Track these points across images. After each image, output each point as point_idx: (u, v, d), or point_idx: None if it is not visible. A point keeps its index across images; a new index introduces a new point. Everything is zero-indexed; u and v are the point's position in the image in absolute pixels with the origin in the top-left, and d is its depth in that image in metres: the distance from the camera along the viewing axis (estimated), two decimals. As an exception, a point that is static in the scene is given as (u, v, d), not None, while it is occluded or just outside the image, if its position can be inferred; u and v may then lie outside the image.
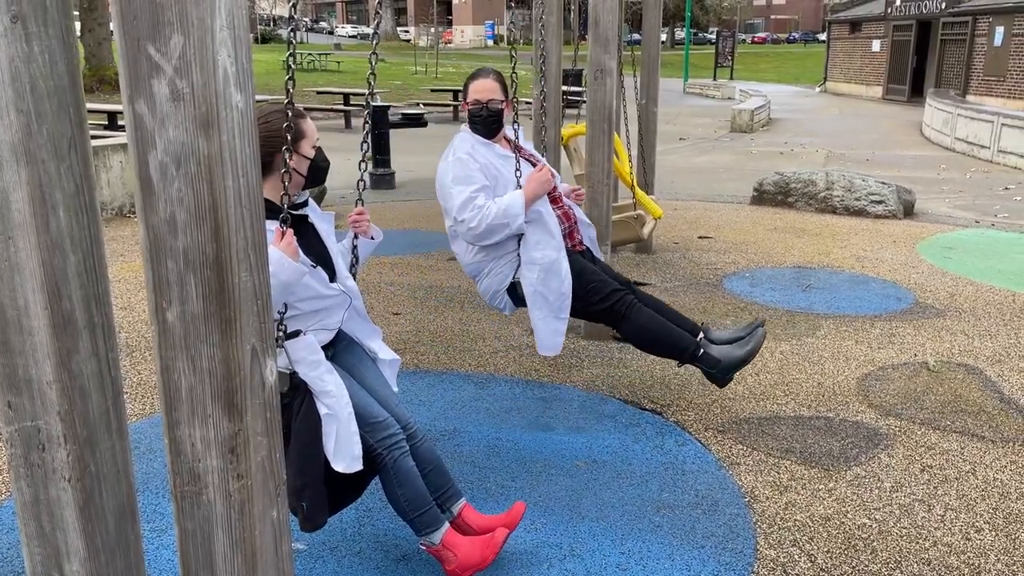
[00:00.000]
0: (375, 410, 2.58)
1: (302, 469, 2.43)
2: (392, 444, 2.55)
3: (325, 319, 2.61)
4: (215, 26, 1.26)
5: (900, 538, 2.92)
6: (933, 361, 4.57)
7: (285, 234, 2.36)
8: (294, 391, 2.45)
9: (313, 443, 2.43)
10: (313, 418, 2.44)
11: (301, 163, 2.55)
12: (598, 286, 3.55)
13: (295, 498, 2.46)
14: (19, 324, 1.40)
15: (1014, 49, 21.00)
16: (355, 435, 2.46)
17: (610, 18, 4.56)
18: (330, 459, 2.44)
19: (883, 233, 7.87)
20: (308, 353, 2.47)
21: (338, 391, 2.46)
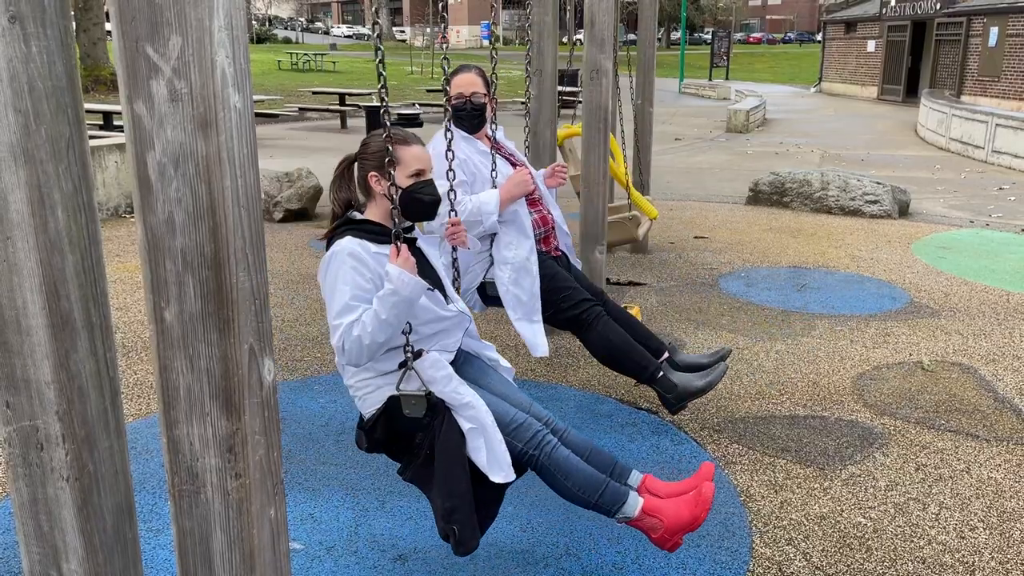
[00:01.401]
0: (514, 414, 2.50)
1: (450, 491, 2.34)
2: (540, 442, 2.46)
3: (444, 339, 2.55)
4: (213, 27, 1.26)
5: (895, 536, 2.94)
6: (928, 361, 4.59)
7: (400, 251, 2.31)
8: (432, 412, 2.38)
9: (458, 462, 2.35)
10: (456, 436, 2.36)
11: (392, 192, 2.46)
12: (570, 293, 3.55)
13: (444, 522, 2.36)
14: (17, 324, 1.40)
15: (1008, 50, 21.06)
16: (503, 443, 2.39)
17: (606, 18, 4.57)
18: (486, 472, 2.35)
19: (878, 233, 7.89)
20: (437, 370, 2.40)
21: (476, 401, 2.39)
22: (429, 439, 2.38)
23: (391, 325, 2.28)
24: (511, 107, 21.31)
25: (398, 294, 2.26)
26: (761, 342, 4.86)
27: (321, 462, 3.42)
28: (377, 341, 2.29)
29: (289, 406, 3.94)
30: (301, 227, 7.88)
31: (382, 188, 2.48)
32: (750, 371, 4.41)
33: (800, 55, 52.62)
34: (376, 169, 2.47)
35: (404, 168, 2.48)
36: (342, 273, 2.35)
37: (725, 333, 5.01)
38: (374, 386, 2.44)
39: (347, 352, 2.33)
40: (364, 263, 2.35)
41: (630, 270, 6.46)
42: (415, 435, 2.40)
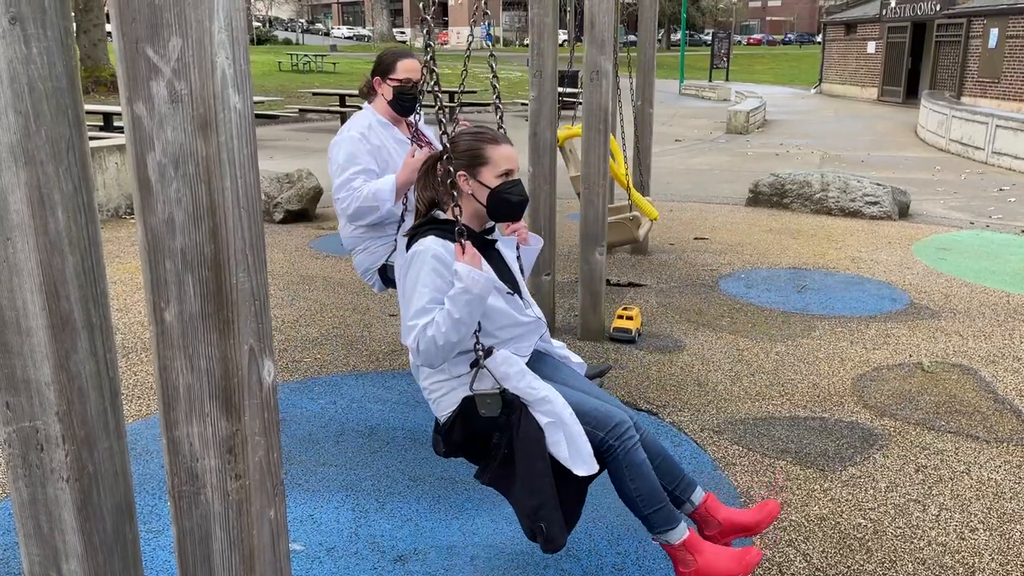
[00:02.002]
0: (595, 403, 2.45)
1: (533, 489, 2.29)
2: (623, 434, 2.40)
3: (518, 344, 2.52)
4: (213, 28, 1.26)
5: (895, 538, 2.94)
6: (928, 362, 4.59)
7: (465, 248, 2.28)
8: (508, 409, 2.33)
9: (539, 458, 2.29)
10: (534, 432, 2.31)
11: (480, 191, 2.43)
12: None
13: (531, 520, 2.32)
14: (18, 325, 1.40)
15: (1008, 51, 21.07)
16: (583, 435, 2.33)
17: (606, 19, 4.57)
18: (568, 466, 2.30)
19: (878, 234, 7.89)
20: (510, 366, 2.36)
21: (553, 395, 2.35)
22: (507, 437, 2.33)
23: (465, 324, 2.25)
24: (511, 108, 21.31)
25: (469, 292, 2.22)
26: (761, 343, 4.86)
27: (321, 463, 3.42)
28: (451, 341, 2.25)
29: (289, 407, 3.94)
30: (301, 228, 7.89)
31: (470, 188, 2.44)
32: (750, 372, 4.41)
33: (800, 56, 52.65)
34: (465, 168, 2.43)
35: (493, 168, 2.44)
36: (423, 274, 2.31)
37: (725, 334, 5.01)
38: (448, 388, 2.41)
39: (422, 353, 2.29)
40: (447, 265, 2.31)
41: (630, 271, 6.47)
42: (492, 435, 2.36)
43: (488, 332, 2.43)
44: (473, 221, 2.49)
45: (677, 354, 4.68)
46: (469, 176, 2.43)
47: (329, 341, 4.83)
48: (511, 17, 63.63)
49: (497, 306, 2.44)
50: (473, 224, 2.49)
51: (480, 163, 2.44)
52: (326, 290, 5.83)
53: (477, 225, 2.51)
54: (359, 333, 4.97)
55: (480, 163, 2.44)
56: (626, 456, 2.39)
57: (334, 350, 4.69)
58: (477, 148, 2.44)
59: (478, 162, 2.44)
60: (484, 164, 2.43)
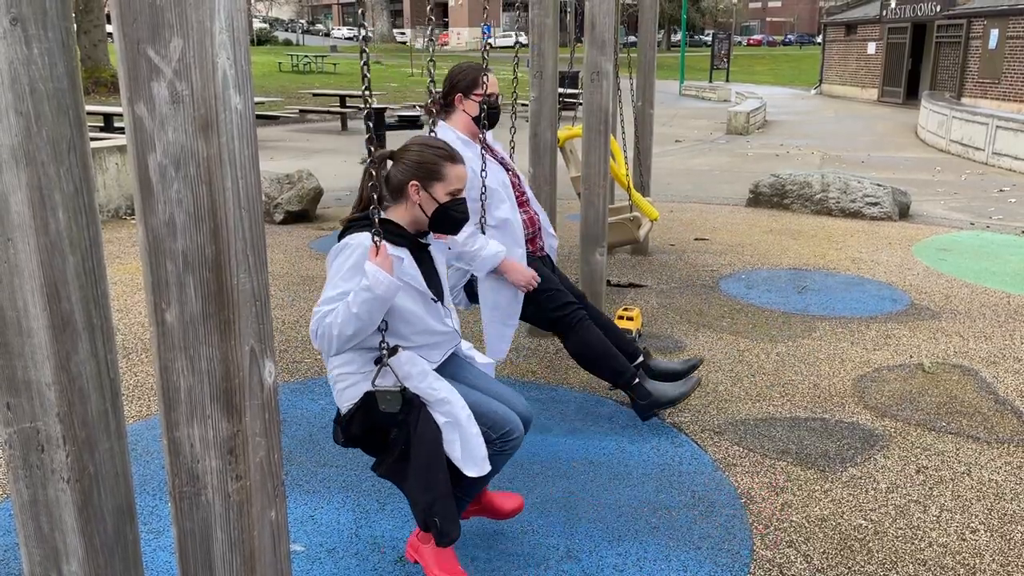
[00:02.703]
0: (494, 406, 2.55)
1: (428, 485, 2.39)
2: (509, 440, 2.53)
3: (429, 352, 2.56)
4: (214, 28, 1.26)
5: (896, 539, 2.93)
6: (928, 362, 4.59)
7: (380, 250, 2.32)
8: (407, 407, 2.40)
9: (434, 456, 2.39)
10: (431, 430, 2.40)
11: (429, 203, 2.50)
12: (553, 294, 3.58)
13: (425, 515, 2.43)
14: (18, 325, 1.40)
15: (1008, 52, 21.07)
16: (478, 436, 2.43)
17: (606, 20, 4.57)
18: (460, 466, 2.40)
19: (879, 235, 7.89)
20: (412, 366, 2.43)
21: (452, 396, 2.43)
22: (405, 434, 2.41)
23: (361, 320, 2.30)
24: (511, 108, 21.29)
25: (372, 291, 2.27)
26: (761, 344, 4.86)
27: (322, 464, 3.42)
28: (346, 334, 2.31)
29: (290, 408, 3.94)
30: (301, 229, 7.89)
31: (419, 199, 2.49)
32: (750, 373, 4.41)
33: (800, 57, 52.66)
34: (418, 179, 2.48)
35: (447, 185, 2.51)
36: (346, 267, 2.36)
37: (726, 335, 5.01)
38: (352, 381, 2.46)
39: (318, 338, 2.35)
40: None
41: (630, 271, 6.46)
42: (391, 430, 2.43)
43: (402, 335, 2.48)
44: (411, 226, 2.56)
45: (678, 355, 4.67)
46: (421, 187, 2.49)
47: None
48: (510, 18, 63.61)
49: (415, 310, 2.49)
50: (411, 228, 2.56)
51: (436, 178, 2.50)
52: (326, 291, 5.83)
53: (414, 230, 2.57)
54: (359, 334, 4.96)
55: (436, 178, 2.50)
56: (497, 456, 2.54)
57: (334, 351, 4.68)
58: (436, 163, 2.50)
59: (434, 176, 2.50)
60: (439, 180, 2.50)
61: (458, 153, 2.58)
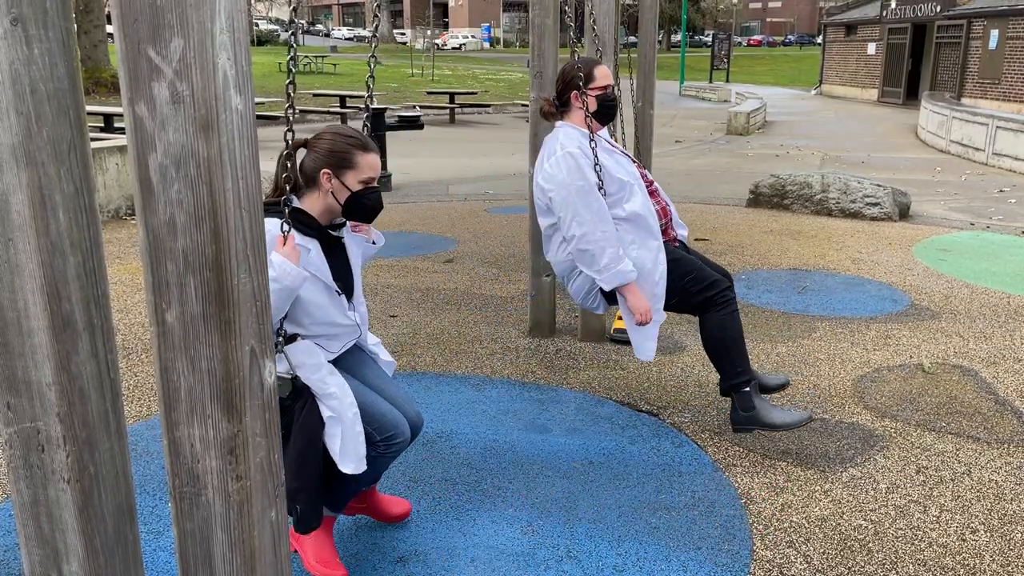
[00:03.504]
0: (383, 408, 2.56)
1: (298, 472, 2.42)
2: (392, 444, 2.55)
3: (329, 343, 2.59)
4: (215, 29, 1.26)
5: (896, 539, 2.94)
6: (928, 363, 4.59)
7: (287, 239, 2.34)
8: (296, 395, 2.43)
9: (311, 446, 2.42)
10: (313, 421, 2.42)
11: (341, 191, 2.51)
12: (695, 275, 3.41)
13: (290, 501, 2.45)
14: (19, 326, 1.40)
15: (1009, 52, 21.08)
16: (360, 435, 2.45)
17: (606, 21, 4.57)
18: (337, 461, 2.43)
19: (879, 235, 7.89)
20: (308, 357, 2.45)
21: (341, 392, 2.45)
22: (287, 420, 2.42)
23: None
24: (511, 109, 21.33)
25: (278, 282, 2.27)
26: (761, 344, 4.86)
27: (321, 464, 3.42)
28: None
29: (290, 408, 3.94)
30: (302, 229, 7.88)
31: (331, 186, 2.50)
32: (751, 373, 4.41)
33: (800, 57, 52.66)
34: (330, 167, 2.49)
35: (358, 173, 2.52)
36: None
37: (726, 335, 5.01)
38: None
39: None
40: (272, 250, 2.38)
41: (631, 272, 6.46)
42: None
43: (301, 324, 2.49)
44: (324, 215, 2.55)
45: (678, 355, 4.68)
46: (333, 175, 2.49)
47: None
48: (511, 18, 63.66)
49: (318, 301, 2.49)
50: (323, 218, 2.55)
51: (347, 166, 2.51)
52: (326, 291, 5.83)
53: (326, 219, 2.57)
54: (359, 334, 4.97)
55: (347, 166, 2.51)
56: (377, 459, 2.56)
57: (334, 351, 4.68)
58: (347, 152, 2.50)
59: (345, 165, 2.50)
60: (350, 168, 2.51)
61: (371, 142, 2.58)
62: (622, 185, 3.36)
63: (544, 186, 3.37)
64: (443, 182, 10.75)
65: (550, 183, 3.33)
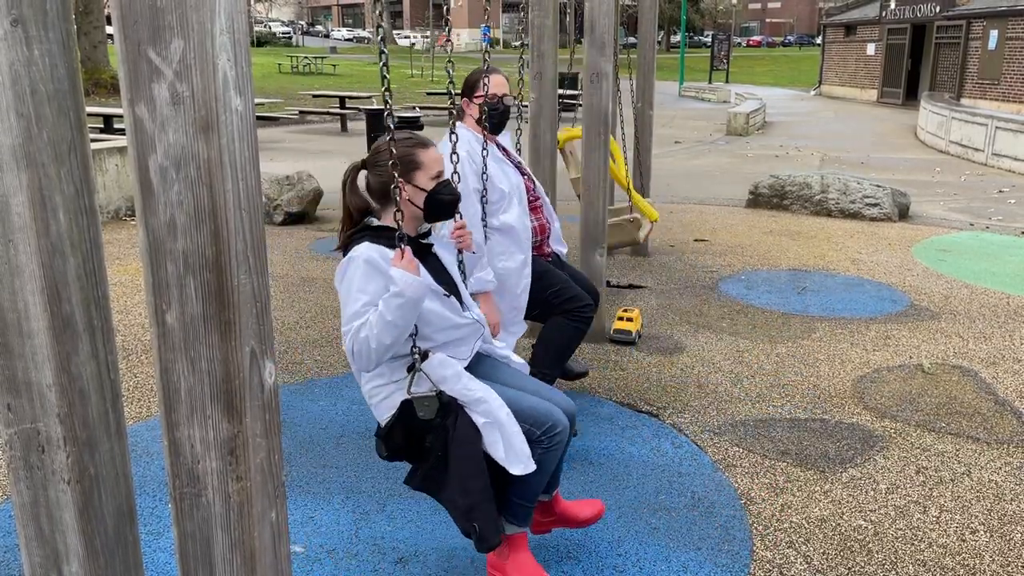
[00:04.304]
0: (531, 401, 2.49)
1: (465, 489, 2.34)
2: (555, 435, 2.47)
3: (458, 347, 2.52)
4: (215, 30, 1.26)
5: (895, 539, 2.94)
6: (928, 363, 4.59)
7: (404, 253, 2.30)
8: (444, 412, 2.36)
9: (472, 458, 2.35)
10: (469, 433, 2.36)
11: (417, 195, 2.48)
12: (561, 289, 3.53)
13: (465, 520, 2.38)
14: (19, 327, 1.40)
15: (1008, 53, 21.08)
16: (520, 434, 2.38)
17: (606, 22, 4.57)
18: (504, 465, 2.35)
19: (878, 236, 7.89)
20: (445, 369, 2.40)
21: (488, 395, 2.39)
22: (441, 440, 2.36)
23: (397, 327, 2.27)
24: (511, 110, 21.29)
25: (403, 295, 2.24)
26: (761, 345, 4.86)
27: (322, 465, 3.42)
28: (384, 343, 2.27)
29: (290, 409, 3.94)
30: (301, 230, 7.89)
31: (407, 193, 2.46)
32: (750, 374, 4.41)
33: (800, 58, 52.67)
34: (400, 175, 2.43)
35: (427, 171, 2.49)
36: (357, 279, 2.33)
37: (725, 336, 5.01)
38: (387, 392, 2.43)
39: (356, 356, 2.31)
40: (380, 270, 2.34)
41: (630, 272, 6.47)
42: (426, 437, 2.39)
43: (425, 336, 2.45)
44: (409, 226, 2.52)
45: (677, 356, 4.68)
46: (405, 182, 2.47)
47: (330, 343, 4.83)
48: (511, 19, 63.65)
49: (433, 309, 2.46)
50: (409, 229, 2.52)
51: (414, 168, 2.48)
52: (326, 292, 5.83)
53: (413, 229, 2.55)
54: (359, 335, 4.96)
55: (414, 168, 2.48)
56: (544, 457, 2.48)
57: (335, 352, 4.69)
58: (409, 154, 2.48)
59: (412, 167, 2.48)
60: (418, 168, 2.48)
61: (426, 139, 2.56)
62: (502, 195, 3.42)
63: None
64: (443, 183, 10.70)
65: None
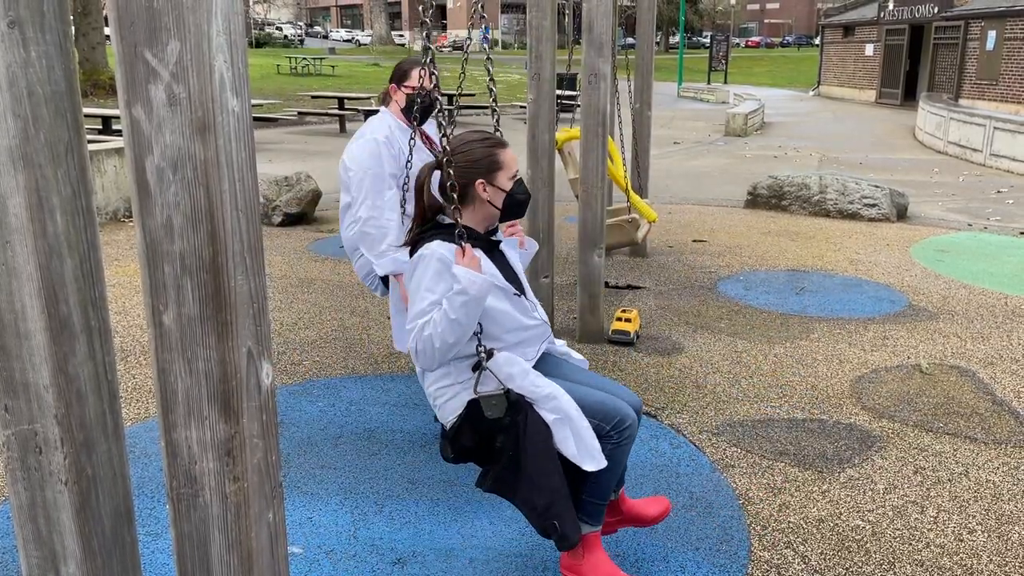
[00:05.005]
0: (599, 396, 2.46)
1: (542, 486, 2.31)
2: (624, 429, 2.44)
3: (524, 349, 2.51)
4: (212, 31, 1.27)
5: (893, 539, 2.94)
6: (926, 363, 4.59)
7: (466, 251, 2.29)
8: (514, 410, 2.33)
9: (546, 455, 2.32)
10: (541, 430, 2.33)
11: (497, 195, 2.47)
12: None
13: (543, 519, 2.34)
14: (16, 328, 1.40)
15: (1006, 53, 21.10)
16: (589, 429, 2.35)
17: (604, 22, 4.58)
18: (576, 462, 2.32)
19: (876, 236, 7.90)
20: (512, 366, 2.38)
21: (557, 391, 2.36)
22: (513, 438, 2.33)
23: (461, 326, 2.25)
24: (510, 111, 21.34)
25: (466, 293, 2.23)
26: (759, 345, 4.86)
27: (319, 466, 3.42)
28: (448, 342, 2.26)
29: (287, 410, 3.94)
30: (300, 231, 7.89)
31: (488, 194, 2.45)
32: (748, 374, 4.42)
33: (798, 59, 52.70)
34: (484, 175, 2.44)
35: (507, 171, 2.48)
36: (427, 278, 2.32)
37: (724, 336, 5.01)
38: (453, 392, 2.41)
39: (419, 354, 2.30)
40: (451, 268, 2.32)
41: (629, 273, 6.47)
42: (496, 437, 2.35)
43: (493, 336, 2.43)
44: (480, 224, 2.51)
45: (676, 356, 4.68)
46: (488, 183, 2.45)
47: (328, 344, 4.83)
48: (509, 20, 63.68)
49: (502, 308, 2.44)
50: (479, 227, 2.51)
51: (497, 168, 2.46)
52: (325, 293, 5.83)
53: (483, 228, 2.53)
54: (358, 336, 4.97)
55: (497, 168, 2.46)
56: (614, 452, 2.44)
57: (333, 353, 4.69)
58: (492, 154, 2.46)
59: (495, 167, 2.46)
60: (500, 169, 2.46)
61: (502, 138, 2.56)
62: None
63: (347, 164, 3.47)
64: (441, 184, 10.70)
65: (352, 163, 3.44)
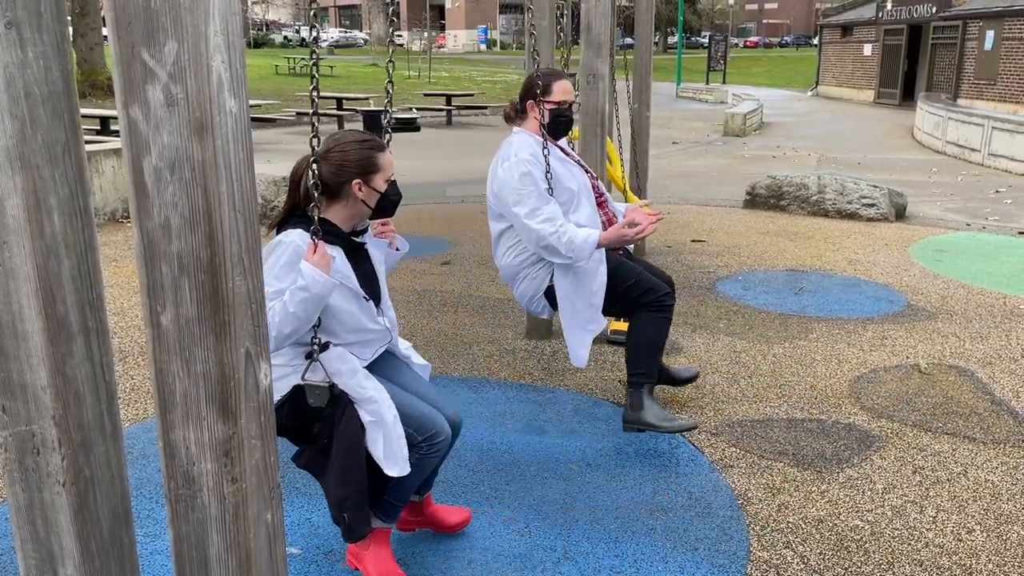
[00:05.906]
0: (422, 409, 2.57)
1: (343, 480, 2.43)
2: (435, 443, 2.55)
3: (361, 349, 2.58)
4: (209, 32, 1.27)
5: (892, 539, 2.94)
6: (925, 363, 4.60)
7: (317, 247, 2.33)
8: (335, 403, 2.42)
9: (354, 452, 2.42)
10: (354, 427, 2.42)
11: (371, 196, 2.53)
12: (638, 281, 3.50)
13: (337, 510, 2.48)
14: (14, 329, 1.40)
15: (1004, 53, 21.11)
16: (402, 437, 2.45)
17: (602, 23, 4.58)
18: (381, 465, 2.43)
19: (875, 236, 7.90)
20: (342, 363, 2.46)
21: (379, 395, 2.45)
22: (328, 429, 2.43)
23: (299, 319, 2.32)
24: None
25: (308, 291, 2.29)
26: (758, 345, 4.86)
27: (318, 466, 3.42)
28: (283, 332, 2.33)
29: (286, 410, 3.94)
30: (298, 231, 7.87)
31: (363, 194, 2.51)
32: (747, 374, 4.42)
33: (797, 59, 52.71)
34: (360, 175, 2.50)
35: (383, 173, 2.55)
36: (278, 266, 2.39)
37: (722, 336, 5.01)
38: (282, 373, 2.47)
39: None
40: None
41: (627, 274, 6.46)
42: (315, 423, 2.46)
43: (332, 331, 2.50)
44: (347, 221, 2.57)
45: (674, 356, 4.68)
46: (364, 183, 2.51)
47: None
48: (507, 20, 63.68)
49: (348, 309, 2.51)
50: (345, 224, 2.57)
51: (373, 170, 2.52)
52: (323, 293, 5.82)
53: (349, 226, 2.58)
54: (356, 336, 4.96)
55: (373, 170, 2.52)
56: (422, 461, 2.54)
57: (331, 353, 4.68)
58: (370, 158, 2.52)
59: (372, 170, 2.52)
60: (376, 171, 2.53)
61: (380, 141, 2.60)
62: (571, 195, 3.44)
63: (498, 192, 3.43)
64: (440, 184, 10.74)
65: (503, 189, 3.39)
